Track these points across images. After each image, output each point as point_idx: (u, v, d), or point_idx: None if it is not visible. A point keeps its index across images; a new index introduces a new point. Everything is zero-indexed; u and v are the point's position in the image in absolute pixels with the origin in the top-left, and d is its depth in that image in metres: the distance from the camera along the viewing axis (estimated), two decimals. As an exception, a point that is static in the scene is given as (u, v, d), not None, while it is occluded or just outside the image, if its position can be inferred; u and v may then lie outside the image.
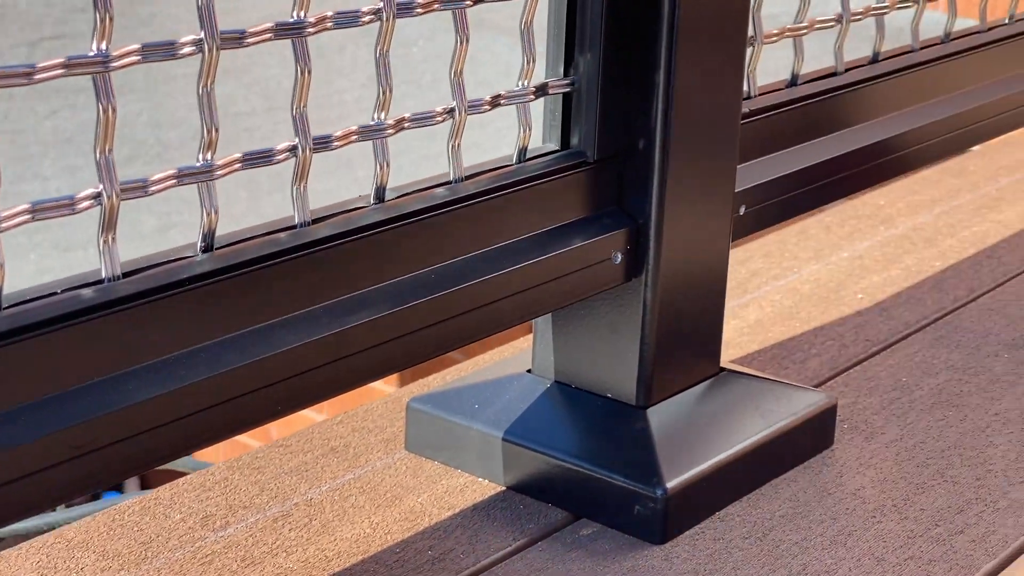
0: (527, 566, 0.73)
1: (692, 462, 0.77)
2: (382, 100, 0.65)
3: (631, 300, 0.78)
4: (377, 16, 0.63)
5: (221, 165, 0.59)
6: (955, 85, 0.99)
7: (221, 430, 0.59)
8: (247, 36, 0.58)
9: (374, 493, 0.78)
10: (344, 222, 0.64)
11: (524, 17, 0.71)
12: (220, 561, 0.72)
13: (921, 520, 0.78)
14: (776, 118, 0.86)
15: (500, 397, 0.81)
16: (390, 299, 0.66)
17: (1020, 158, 1.34)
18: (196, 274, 0.58)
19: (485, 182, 0.71)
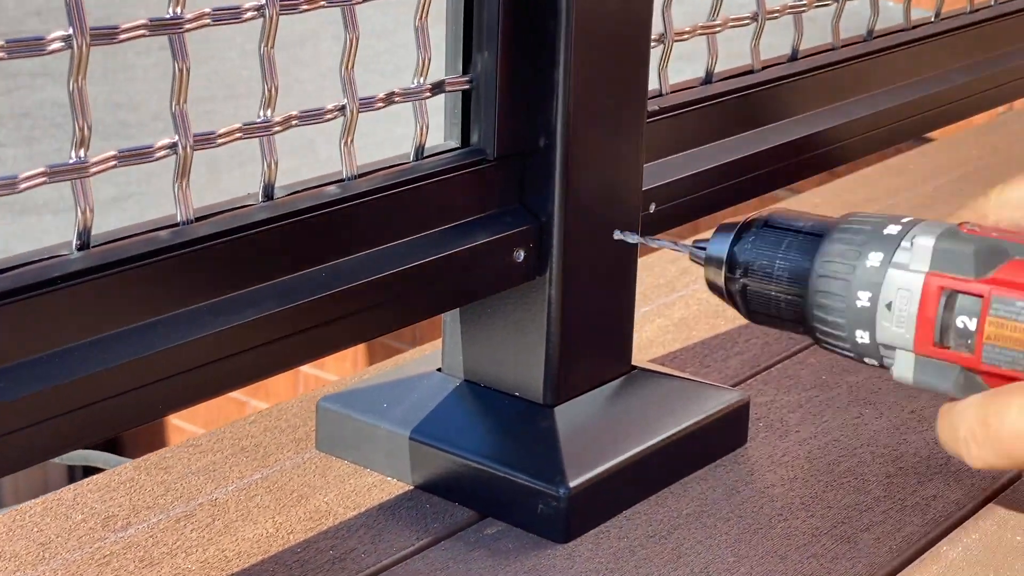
0: (428, 566, 0.73)
1: (597, 461, 0.76)
2: (267, 98, 0.64)
3: (536, 299, 0.77)
4: (260, 13, 0.63)
5: (96, 162, 0.58)
6: (877, 83, 0.99)
7: (94, 431, 0.58)
8: (119, 32, 0.58)
9: (280, 493, 0.78)
10: (229, 220, 0.64)
11: (419, 14, 0.71)
12: (118, 562, 0.72)
13: (827, 518, 0.78)
14: (688, 116, 0.86)
15: (409, 396, 0.80)
16: (277, 298, 0.65)
17: (961, 157, 1.34)
18: (69, 272, 0.58)
19: (379, 180, 0.70)
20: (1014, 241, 0.58)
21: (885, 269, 0.59)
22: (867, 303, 0.60)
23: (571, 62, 0.73)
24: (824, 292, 0.61)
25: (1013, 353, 0.57)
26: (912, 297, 0.58)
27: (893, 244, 0.59)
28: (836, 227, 0.62)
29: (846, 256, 0.60)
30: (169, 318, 0.62)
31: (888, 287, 0.59)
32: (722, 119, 0.88)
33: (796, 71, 0.93)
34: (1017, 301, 0.56)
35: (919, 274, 0.58)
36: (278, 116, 0.65)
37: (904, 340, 0.59)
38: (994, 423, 0.56)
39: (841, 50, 0.97)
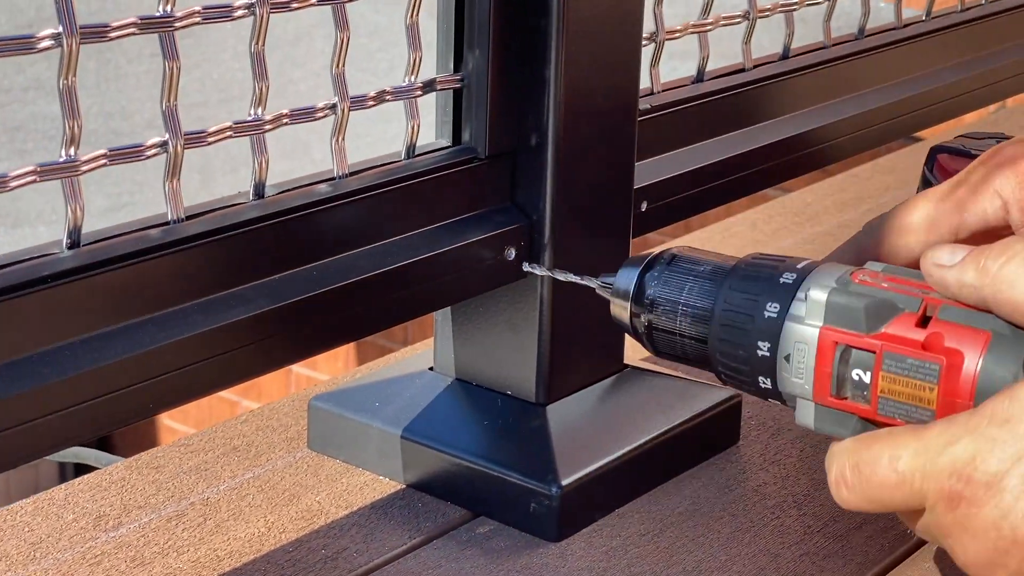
0: (420, 564, 0.73)
1: (589, 459, 0.76)
2: (258, 96, 0.64)
3: (528, 297, 0.77)
4: (251, 11, 0.63)
5: (85, 161, 0.58)
6: (868, 82, 0.99)
7: (85, 429, 0.58)
8: (109, 30, 0.58)
9: (272, 492, 0.78)
10: (219, 218, 0.64)
11: (409, 12, 0.71)
12: (109, 562, 0.71)
13: (820, 516, 0.78)
14: (680, 114, 0.86)
15: (401, 395, 0.80)
16: (268, 296, 0.65)
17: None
18: (59, 271, 0.58)
19: (370, 178, 0.70)
20: (902, 293, 0.59)
21: (782, 321, 0.61)
22: (767, 353, 0.61)
23: (562, 60, 0.73)
24: (726, 340, 0.63)
25: (907, 407, 0.58)
26: (809, 350, 0.60)
27: (789, 295, 0.61)
28: (735, 272, 0.63)
29: (744, 306, 0.62)
30: (160, 316, 0.62)
31: (786, 340, 0.61)
32: (713, 118, 0.88)
33: (787, 70, 0.93)
34: (907, 358, 0.58)
35: (814, 328, 0.60)
36: (269, 115, 0.65)
37: (804, 390, 0.61)
38: (865, 471, 0.57)
39: (832, 49, 0.97)
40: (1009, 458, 0.54)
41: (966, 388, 0.57)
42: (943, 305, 0.58)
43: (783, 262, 0.62)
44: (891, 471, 0.56)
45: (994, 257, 0.57)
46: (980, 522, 0.54)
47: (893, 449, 0.56)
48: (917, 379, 0.58)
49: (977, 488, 0.54)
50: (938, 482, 0.55)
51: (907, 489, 0.56)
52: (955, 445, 0.55)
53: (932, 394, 0.57)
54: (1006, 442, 0.54)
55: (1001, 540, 0.54)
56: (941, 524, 0.56)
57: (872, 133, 0.99)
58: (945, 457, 0.55)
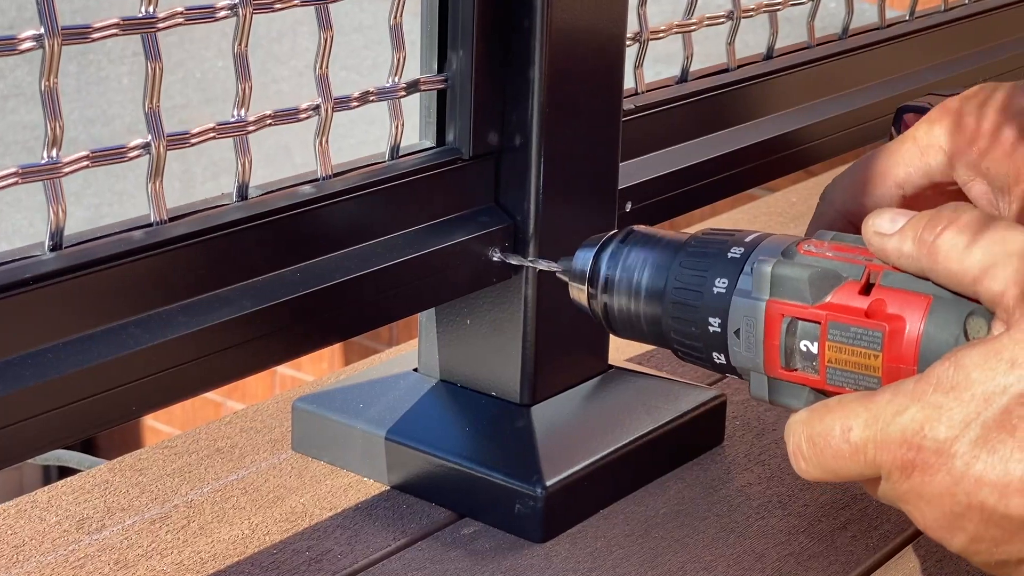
0: (405, 566, 0.73)
1: (574, 460, 0.76)
2: (240, 97, 0.64)
3: (512, 298, 0.77)
4: (233, 12, 0.63)
5: (68, 162, 0.58)
6: (852, 82, 0.99)
7: (68, 432, 0.58)
8: (91, 31, 0.57)
9: (256, 494, 0.78)
10: (202, 220, 0.64)
11: (393, 13, 0.70)
12: (92, 564, 0.71)
13: (805, 516, 0.78)
14: (664, 114, 0.86)
15: (385, 396, 0.80)
16: (252, 298, 0.65)
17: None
18: (41, 273, 0.57)
19: (354, 179, 0.70)
20: (846, 261, 0.59)
21: (730, 296, 0.61)
22: (718, 328, 0.62)
23: (546, 61, 0.73)
24: (678, 318, 0.63)
25: (854, 375, 0.59)
26: (757, 324, 0.60)
27: (736, 269, 0.61)
28: (684, 249, 0.63)
29: (693, 283, 0.62)
30: (143, 319, 0.62)
31: (734, 314, 0.61)
32: (698, 118, 0.88)
33: (771, 70, 0.93)
34: (851, 327, 0.58)
35: (760, 301, 0.60)
36: (252, 115, 0.65)
37: (755, 364, 0.61)
38: (819, 443, 0.58)
39: (816, 49, 0.97)
40: (957, 424, 0.54)
41: (909, 353, 0.57)
42: (885, 271, 0.59)
43: (732, 236, 0.63)
44: (844, 442, 0.57)
45: (930, 227, 0.57)
46: (934, 489, 0.55)
47: (844, 420, 0.57)
48: (862, 347, 0.58)
49: (928, 456, 0.55)
50: (890, 452, 0.56)
51: (861, 459, 0.57)
52: (903, 414, 0.55)
53: (877, 361, 0.58)
54: (952, 409, 0.54)
55: (956, 505, 0.55)
56: (898, 492, 0.56)
57: (856, 133, 0.99)
58: (895, 426, 0.55)
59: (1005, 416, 0.53)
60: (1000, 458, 0.53)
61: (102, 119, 2.60)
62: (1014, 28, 1.18)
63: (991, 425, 0.53)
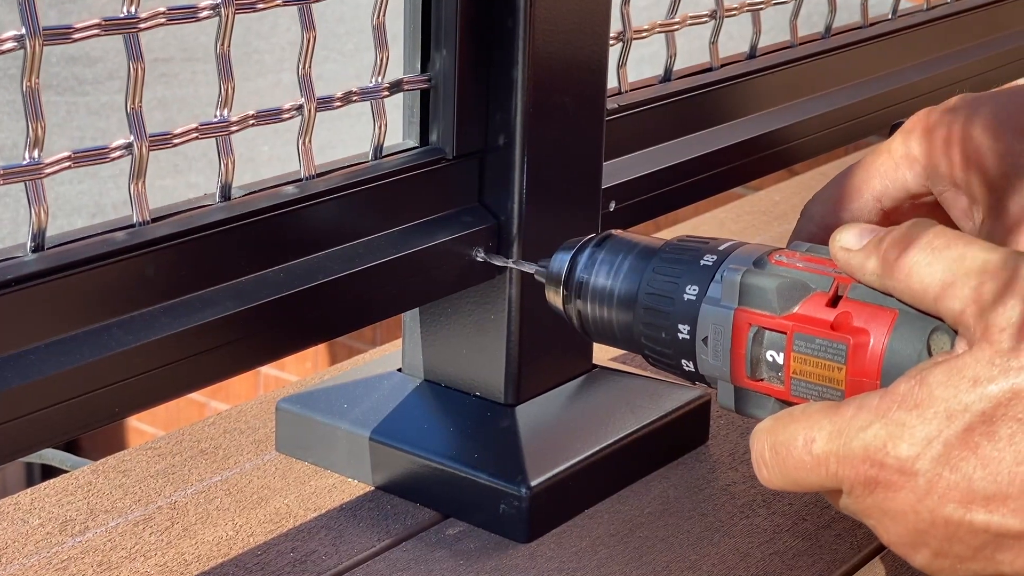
0: (389, 567, 0.72)
1: (558, 460, 0.76)
2: (223, 97, 0.64)
3: (496, 298, 0.77)
4: (216, 12, 0.62)
5: (50, 163, 0.58)
6: (835, 81, 0.99)
7: (50, 434, 0.58)
8: (72, 32, 0.57)
9: (240, 495, 0.77)
10: (185, 221, 0.63)
11: (376, 13, 0.70)
12: (76, 567, 0.71)
13: (789, 515, 0.78)
14: (648, 113, 0.86)
15: (369, 396, 0.80)
16: (235, 299, 0.65)
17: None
18: (23, 274, 0.57)
19: (337, 179, 0.70)
20: (816, 273, 0.59)
21: (699, 304, 0.61)
22: (687, 336, 0.62)
23: (530, 60, 0.73)
24: (648, 324, 0.63)
25: (818, 387, 0.59)
26: (725, 332, 0.60)
27: (707, 277, 0.61)
28: (659, 254, 0.63)
29: (665, 289, 0.62)
30: (126, 320, 0.61)
31: (703, 322, 0.61)
32: (681, 117, 0.88)
33: (754, 69, 0.93)
34: (817, 338, 0.58)
35: (729, 310, 0.60)
36: (235, 116, 0.65)
37: (722, 372, 0.61)
38: (782, 452, 0.58)
39: (799, 48, 0.97)
40: (919, 442, 0.54)
41: (872, 367, 0.57)
42: (854, 284, 0.59)
43: (706, 244, 0.63)
44: (806, 453, 0.57)
45: (893, 246, 0.57)
46: (897, 505, 0.55)
47: (808, 430, 0.57)
48: (826, 359, 0.58)
49: (891, 473, 0.55)
50: (853, 467, 0.56)
51: (823, 472, 0.57)
52: (867, 430, 0.55)
53: (840, 374, 0.58)
54: (915, 426, 0.54)
55: (920, 522, 0.55)
56: (860, 506, 0.57)
57: (839, 131, 0.99)
58: (858, 442, 0.55)
59: (967, 434, 0.53)
60: (963, 476, 0.54)
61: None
62: (996, 27, 1.18)
63: (953, 443, 0.54)
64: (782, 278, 0.59)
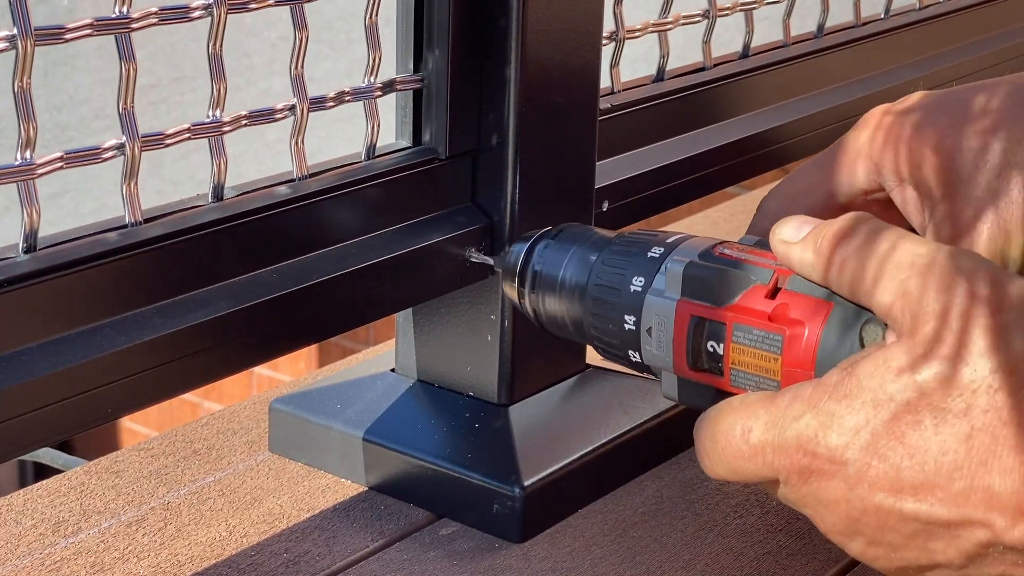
0: (383, 567, 0.72)
1: (552, 460, 0.76)
2: (216, 98, 0.64)
3: (489, 298, 0.77)
4: (208, 12, 0.62)
5: (42, 164, 0.58)
6: (828, 80, 0.99)
7: (43, 435, 0.58)
8: (64, 32, 0.57)
9: (233, 496, 0.77)
10: (178, 221, 0.63)
11: (368, 13, 0.70)
12: (68, 568, 0.71)
13: (782, 514, 0.78)
14: (641, 113, 0.86)
15: (362, 397, 0.80)
16: (228, 299, 0.65)
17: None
18: (15, 275, 0.57)
19: (330, 179, 0.70)
20: (758, 265, 0.60)
21: (644, 295, 0.61)
22: (633, 327, 0.62)
23: (522, 60, 0.73)
24: (596, 315, 0.63)
25: (756, 377, 0.59)
26: (667, 323, 0.61)
27: (653, 269, 0.62)
28: (608, 246, 0.64)
29: (612, 280, 0.63)
30: (118, 320, 0.61)
31: (647, 313, 0.61)
32: (674, 116, 0.88)
33: (747, 68, 0.93)
34: (754, 329, 0.58)
35: (671, 301, 0.61)
36: (227, 116, 0.65)
37: (665, 363, 0.61)
38: (721, 441, 0.58)
39: (791, 47, 0.97)
40: (848, 431, 0.55)
41: (806, 359, 0.57)
42: (792, 276, 0.59)
43: (655, 236, 0.63)
44: (744, 443, 0.57)
45: (829, 239, 0.58)
46: (830, 494, 0.56)
47: (745, 420, 0.57)
48: (763, 350, 0.58)
49: (822, 462, 0.55)
50: (787, 456, 0.56)
51: (760, 461, 0.57)
52: (800, 420, 0.56)
53: (776, 365, 0.58)
54: (844, 416, 0.55)
55: (853, 510, 0.55)
56: (796, 495, 0.57)
57: (832, 131, 0.99)
58: (791, 431, 0.56)
59: (894, 423, 0.54)
60: (891, 465, 0.54)
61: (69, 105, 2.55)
62: (988, 26, 1.18)
63: (880, 432, 0.54)
64: (723, 270, 0.60)
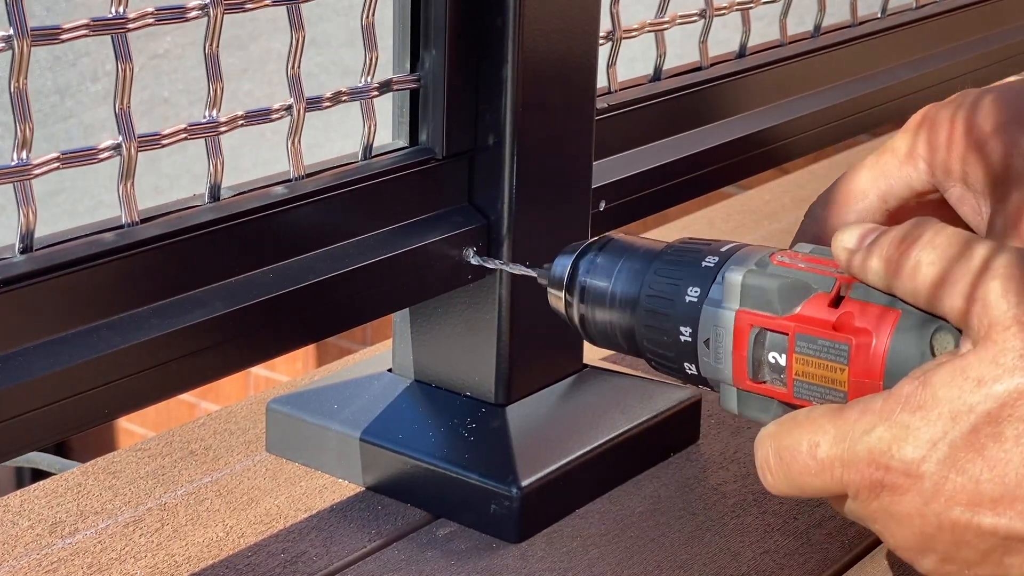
0: (380, 567, 0.72)
1: (549, 460, 0.76)
2: (212, 98, 0.64)
3: (486, 298, 0.77)
4: (204, 12, 0.62)
5: (38, 164, 0.58)
6: (825, 79, 0.99)
7: (39, 436, 0.58)
8: (61, 32, 0.57)
9: (230, 496, 0.77)
10: (174, 221, 0.63)
11: (365, 13, 0.70)
12: (66, 568, 0.71)
13: (780, 514, 0.78)
14: (637, 113, 0.86)
15: (359, 397, 0.80)
16: (225, 300, 0.65)
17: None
18: (12, 276, 0.57)
19: (327, 180, 0.70)
20: (818, 273, 0.59)
21: (701, 305, 0.60)
22: (689, 338, 0.61)
23: (519, 59, 0.73)
24: (650, 326, 0.62)
25: (821, 388, 0.58)
26: (726, 334, 0.60)
27: (709, 278, 0.61)
28: (660, 257, 0.63)
29: (666, 291, 0.62)
30: (115, 321, 0.61)
31: (704, 324, 0.60)
32: (671, 116, 0.88)
33: (744, 68, 0.93)
34: (818, 339, 0.57)
35: (731, 311, 0.59)
36: (224, 116, 0.65)
37: (724, 375, 0.60)
38: (786, 458, 0.57)
39: (788, 47, 0.97)
40: (924, 444, 0.53)
41: (875, 368, 0.56)
42: (856, 284, 0.58)
43: (708, 246, 0.62)
44: (811, 459, 0.56)
45: (895, 245, 0.56)
46: (904, 509, 0.54)
47: (812, 435, 0.56)
48: (828, 360, 0.57)
49: (896, 476, 0.54)
50: (858, 471, 0.55)
51: (828, 476, 0.56)
52: (871, 433, 0.54)
53: (843, 375, 0.57)
54: (919, 428, 0.53)
55: (927, 526, 0.54)
56: (866, 511, 0.56)
57: (829, 131, 0.99)
58: (862, 445, 0.55)
59: (973, 435, 0.53)
60: (969, 478, 0.53)
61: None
62: (985, 25, 1.18)
63: (959, 445, 0.53)
64: (784, 278, 0.59)
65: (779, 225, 1.16)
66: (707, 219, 1.18)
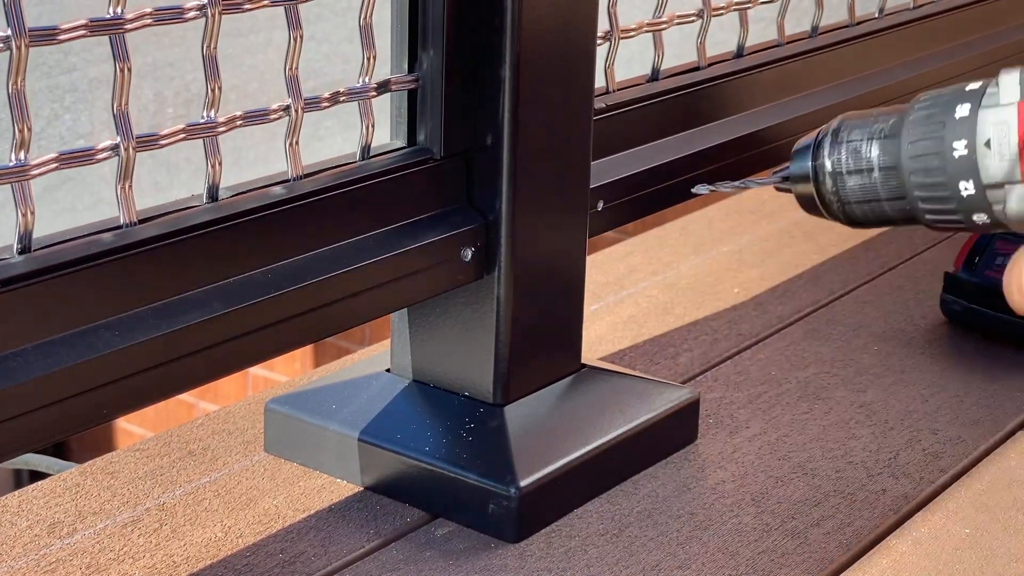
0: (379, 567, 0.72)
1: (548, 460, 0.76)
2: (210, 98, 0.64)
3: (484, 298, 0.77)
4: (202, 12, 0.62)
5: (36, 164, 0.58)
6: (822, 79, 0.99)
7: (38, 436, 0.58)
8: (59, 33, 0.57)
9: (229, 496, 0.77)
10: (173, 221, 0.63)
11: (363, 13, 0.70)
12: (64, 569, 0.71)
13: (778, 513, 0.78)
14: (635, 113, 0.86)
15: (357, 397, 0.80)
16: (223, 300, 0.65)
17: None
18: (10, 276, 0.57)
19: (325, 180, 0.70)
20: None
21: (976, 114, 0.59)
22: (964, 151, 0.60)
23: (517, 59, 0.73)
24: (918, 156, 0.61)
25: None
26: (1010, 127, 0.59)
27: (978, 94, 0.60)
28: (915, 103, 0.62)
29: (933, 117, 0.60)
30: (113, 321, 0.61)
31: (983, 127, 0.59)
32: (669, 116, 0.88)
33: (742, 68, 0.93)
34: None
35: (1011, 105, 0.59)
36: (222, 116, 0.65)
37: (1011, 172, 0.59)
38: None
39: (786, 47, 0.97)
40: None
41: None
42: None
43: (954, 93, 0.61)
44: None
45: None
46: None
47: None
48: None
49: None
50: None
51: None
52: None
53: None
54: None
55: None
56: None
57: (827, 131, 0.99)
58: None
59: None
60: None
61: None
62: (982, 25, 1.18)
63: None
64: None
65: (777, 225, 1.17)
66: (706, 218, 1.18)
